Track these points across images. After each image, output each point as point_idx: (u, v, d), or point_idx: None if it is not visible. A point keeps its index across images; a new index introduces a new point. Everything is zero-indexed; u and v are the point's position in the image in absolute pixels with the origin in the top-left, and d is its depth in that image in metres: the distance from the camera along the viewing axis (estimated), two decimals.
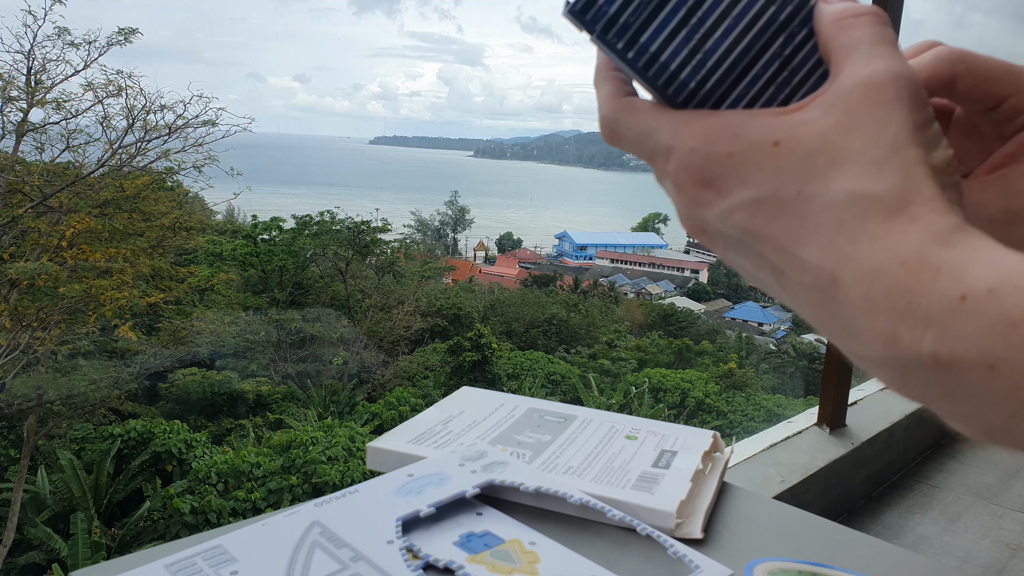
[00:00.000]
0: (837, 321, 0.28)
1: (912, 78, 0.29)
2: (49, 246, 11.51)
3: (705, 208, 0.31)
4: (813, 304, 0.29)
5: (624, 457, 0.68)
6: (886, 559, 0.58)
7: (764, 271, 0.31)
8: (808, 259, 0.28)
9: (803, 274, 0.29)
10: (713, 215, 0.31)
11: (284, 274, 20.11)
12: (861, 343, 0.27)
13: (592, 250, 70.12)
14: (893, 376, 0.28)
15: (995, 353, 0.24)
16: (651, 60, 0.30)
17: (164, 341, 14.97)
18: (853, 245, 0.27)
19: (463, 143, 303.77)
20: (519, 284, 35.87)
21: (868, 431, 2.63)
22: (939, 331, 0.25)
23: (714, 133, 0.30)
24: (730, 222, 0.30)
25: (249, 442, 13.39)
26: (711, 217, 0.31)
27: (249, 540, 0.52)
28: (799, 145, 0.29)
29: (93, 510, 11.15)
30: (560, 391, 19.09)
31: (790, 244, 0.29)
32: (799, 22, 0.30)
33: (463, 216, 67.30)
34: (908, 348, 0.26)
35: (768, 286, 0.31)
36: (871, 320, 0.27)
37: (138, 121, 12.22)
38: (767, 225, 0.29)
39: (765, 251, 0.30)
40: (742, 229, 0.30)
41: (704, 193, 0.30)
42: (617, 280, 49.11)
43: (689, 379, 19.76)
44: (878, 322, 0.26)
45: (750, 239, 0.30)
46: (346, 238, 19.80)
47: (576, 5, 0.30)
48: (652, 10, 0.29)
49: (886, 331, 0.26)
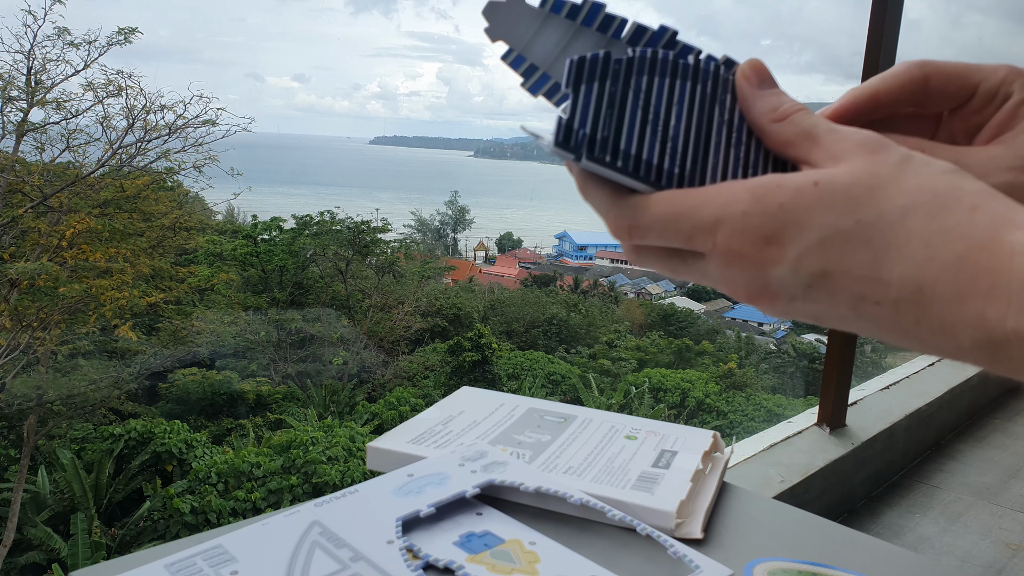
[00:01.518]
0: (924, 324, 0.29)
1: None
2: (49, 246, 11.50)
3: (773, 266, 0.31)
4: (898, 317, 0.30)
5: (624, 457, 0.68)
6: (886, 559, 0.58)
7: (840, 306, 0.32)
8: (889, 277, 0.30)
9: (885, 292, 0.30)
10: (783, 270, 0.31)
11: (284, 274, 20.11)
12: (953, 334, 0.29)
13: (592, 250, 70.10)
14: (985, 356, 0.29)
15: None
16: (636, 161, 0.33)
17: (164, 341, 14.97)
18: (928, 248, 0.29)
19: (463, 143, 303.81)
20: (519, 284, 35.86)
21: (868, 431, 2.63)
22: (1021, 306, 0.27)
23: (759, 190, 0.31)
24: (804, 270, 0.31)
25: (249, 442, 13.39)
26: (781, 273, 0.31)
27: (249, 540, 0.52)
28: (835, 180, 0.31)
29: (93, 510, 11.15)
30: (560, 391, 19.09)
31: (867, 270, 0.30)
32: (722, 90, 0.35)
33: (463, 216, 67.28)
34: (996, 326, 0.28)
35: (842, 320, 0.32)
36: (962, 307, 0.28)
37: (138, 121, 12.22)
38: (840, 260, 0.30)
39: (843, 285, 0.31)
40: (817, 273, 0.31)
41: (769, 251, 0.31)
42: (617, 280, 49.10)
43: (689, 379, 19.76)
44: (968, 308, 0.28)
45: (825, 280, 0.31)
46: (346, 238, 19.79)
47: (559, 139, 0.33)
48: (616, 121, 0.33)
49: (975, 315, 0.28)
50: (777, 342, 30.65)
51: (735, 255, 0.32)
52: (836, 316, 0.32)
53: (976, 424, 3.31)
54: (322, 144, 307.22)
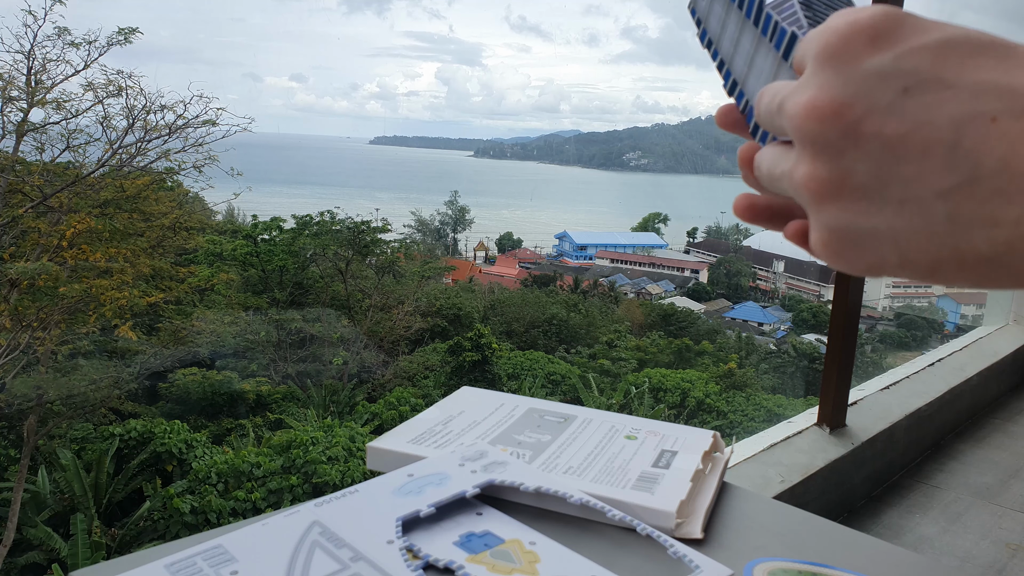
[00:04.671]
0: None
1: None
2: (49, 246, 11.51)
3: (873, 55, 0.27)
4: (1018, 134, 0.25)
5: (624, 457, 0.68)
6: (886, 559, 0.58)
7: (939, 126, 0.26)
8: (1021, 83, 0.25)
9: (1012, 102, 0.25)
10: (883, 60, 0.27)
11: (284, 274, 20.12)
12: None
13: (592, 250, 70.11)
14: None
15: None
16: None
17: (164, 341, 14.98)
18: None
19: (463, 143, 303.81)
20: (519, 284, 35.86)
21: (868, 431, 2.63)
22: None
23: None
24: (908, 64, 0.26)
25: (249, 442, 13.39)
26: (879, 63, 0.27)
27: (249, 540, 0.52)
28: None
29: (93, 510, 11.15)
30: (560, 391, 19.09)
31: (992, 74, 0.25)
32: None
33: (463, 216, 67.29)
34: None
35: (925, 153, 0.26)
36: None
37: (138, 121, 12.23)
38: (960, 64, 0.26)
39: (955, 92, 0.25)
40: (925, 72, 0.26)
41: (874, 44, 0.27)
42: (617, 280, 49.11)
43: (689, 379, 19.76)
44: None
45: (931, 85, 0.26)
46: (346, 238, 19.80)
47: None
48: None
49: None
50: (777, 342, 30.66)
51: (833, 47, 0.28)
52: (919, 145, 0.26)
53: (976, 424, 3.31)
54: (322, 144, 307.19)
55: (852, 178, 0.27)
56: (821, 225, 0.29)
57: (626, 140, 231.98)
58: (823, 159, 0.28)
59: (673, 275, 57.12)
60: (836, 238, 0.29)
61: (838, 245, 0.29)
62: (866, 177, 0.27)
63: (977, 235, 0.26)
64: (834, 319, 2.53)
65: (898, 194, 0.27)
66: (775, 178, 0.31)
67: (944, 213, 0.26)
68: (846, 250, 0.29)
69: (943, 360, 3.43)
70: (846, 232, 0.28)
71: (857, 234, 0.28)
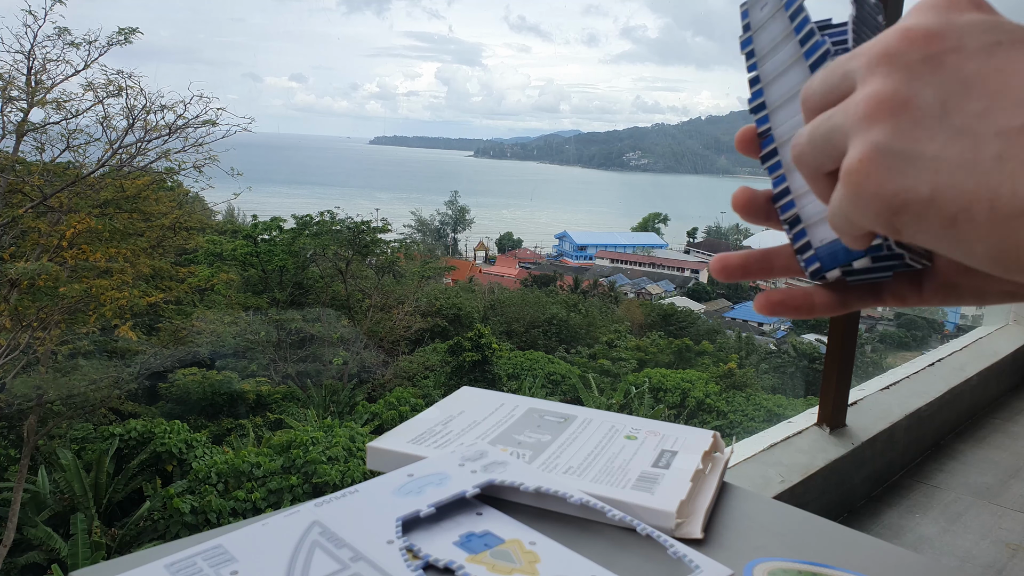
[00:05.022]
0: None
1: None
2: (49, 246, 11.51)
3: (968, 10, 0.28)
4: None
5: (624, 457, 0.68)
6: (886, 559, 0.58)
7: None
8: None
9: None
10: (977, 17, 0.28)
11: (284, 274, 20.12)
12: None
13: (592, 250, 70.13)
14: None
15: None
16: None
17: (164, 341, 14.98)
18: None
19: (463, 143, 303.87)
20: (519, 284, 35.87)
21: (868, 431, 2.63)
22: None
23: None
24: (1003, 27, 0.28)
25: (249, 442, 13.39)
26: (975, 18, 0.28)
27: (249, 540, 0.52)
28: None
29: (93, 510, 11.16)
30: (560, 391, 19.09)
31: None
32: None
33: (463, 216, 67.32)
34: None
35: (1020, 89, 0.26)
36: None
37: (138, 121, 12.23)
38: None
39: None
40: (1017, 35, 0.27)
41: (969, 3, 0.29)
42: (617, 280, 49.13)
43: (689, 379, 19.77)
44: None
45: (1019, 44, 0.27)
46: (346, 238, 19.81)
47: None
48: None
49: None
50: (777, 342, 30.66)
51: (933, 1, 0.29)
52: (995, 87, 0.26)
53: (976, 424, 3.31)
54: (322, 144, 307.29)
55: (918, 99, 0.27)
56: (866, 142, 0.28)
57: (626, 140, 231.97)
58: (897, 77, 0.28)
59: (673, 275, 57.14)
60: (878, 156, 0.28)
61: (876, 164, 0.28)
62: (933, 102, 0.27)
63: (1021, 180, 0.25)
64: (834, 319, 2.53)
65: (959, 124, 0.27)
66: (826, 128, 0.30)
67: (996, 151, 0.26)
68: (881, 171, 0.28)
69: (943, 360, 3.43)
70: (890, 152, 0.28)
71: (900, 156, 0.28)
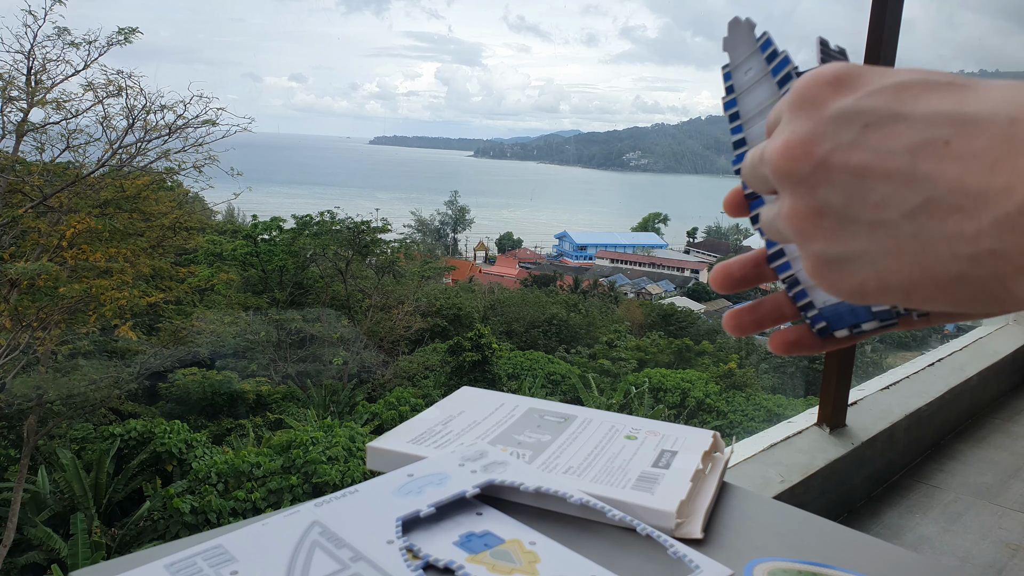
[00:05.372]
0: (1006, 165, 0.26)
1: None
2: (49, 246, 11.51)
3: (837, 98, 0.29)
4: (968, 165, 0.26)
5: (624, 457, 0.68)
6: (886, 559, 0.58)
7: (896, 155, 0.28)
8: (974, 110, 0.27)
9: (963, 130, 0.26)
10: (846, 103, 0.29)
11: (284, 274, 20.12)
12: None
13: (592, 250, 70.13)
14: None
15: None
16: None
17: (164, 341, 14.98)
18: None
19: (463, 143, 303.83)
20: (519, 284, 35.87)
21: (868, 431, 2.63)
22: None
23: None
24: (868, 104, 0.29)
25: (249, 442, 13.39)
26: (842, 105, 0.29)
27: (249, 540, 0.52)
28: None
29: (93, 510, 11.16)
30: (560, 391, 19.09)
31: (948, 106, 0.27)
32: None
33: (463, 216, 67.34)
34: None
35: (887, 178, 0.28)
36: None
37: (138, 121, 12.23)
38: (916, 101, 0.28)
39: (911, 124, 0.28)
40: (883, 111, 0.28)
41: (839, 88, 0.30)
42: (617, 280, 49.13)
43: (689, 379, 19.76)
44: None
45: (889, 121, 0.28)
46: (346, 238, 19.81)
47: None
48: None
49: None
50: None
51: (801, 96, 0.30)
52: (881, 172, 0.28)
53: (976, 424, 3.31)
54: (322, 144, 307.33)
55: (827, 208, 0.30)
56: (809, 254, 0.31)
57: (626, 140, 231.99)
58: (799, 194, 0.30)
59: (673, 275, 57.14)
60: (822, 264, 0.31)
61: (824, 271, 0.31)
62: (839, 206, 0.29)
63: (943, 251, 0.27)
64: None
65: (869, 217, 0.29)
66: (772, 227, 0.34)
67: (910, 232, 0.28)
68: (831, 275, 0.31)
69: (943, 360, 3.43)
70: (829, 258, 0.30)
71: (839, 259, 0.30)
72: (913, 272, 0.28)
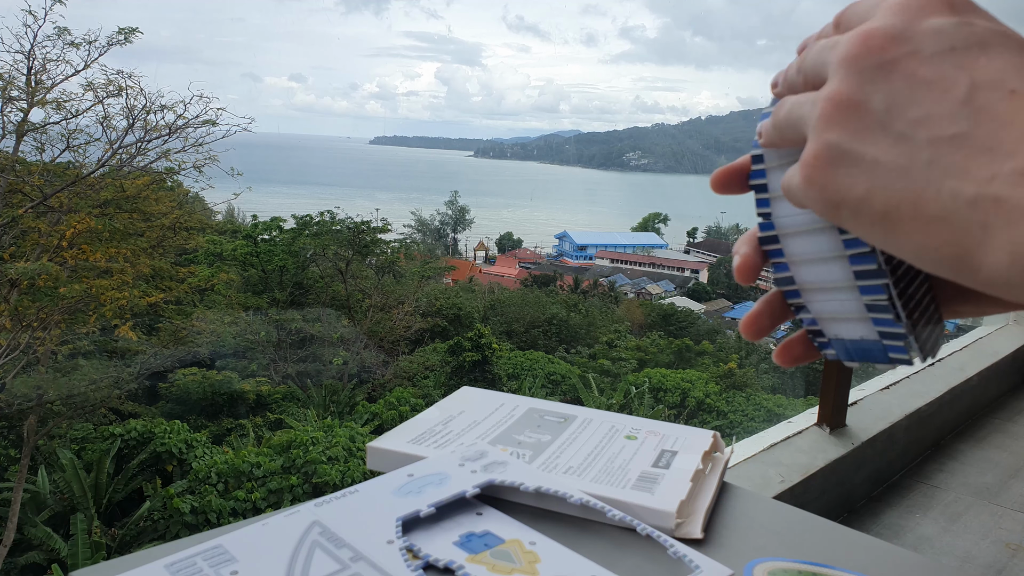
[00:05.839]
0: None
1: None
2: (49, 246, 11.51)
3: (937, 15, 0.29)
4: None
5: (624, 457, 0.68)
6: (886, 559, 0.58)
7: (958, 85, 0.28)
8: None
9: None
10: (946, 21, 0.29)
11: (284, 274, 20.13)
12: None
13: (592, 250, 70.16)
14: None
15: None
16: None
17: (164, 341, 14.98)
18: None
19: (463, 143, 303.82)
20: (519, 284, 35.88)
21: (868, 431, 2.63)
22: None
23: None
24: (966, 31, 0.29)
25: (249, 442, 13.39)
26: (941, 23, 0.29)
27: (249, 540, 0.52)
28: None
29: (93, 510, 11.16)
30: (560, 391, 19.10)
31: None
32: None
33: (463, 216, 67.36)
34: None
35: (950, 114, 0.28)
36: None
37: (138, 121, 12.23)
38: (1018, 49, 0.28)
39: (999, 55, 0.28)
40: (978, 37, 0.28)
41: (943, 5, 0.30)
42: (617, 280, 49.15)
43: (689, 379, 19.77)
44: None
45: (981, 48, 0.28)
46: (346, 238, 19.81)
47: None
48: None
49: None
50: (777, 342, 30.65)
51: (906, 1, 0.30)
52: (939, 92, 0.28)
53: (976, 424, 3.31)
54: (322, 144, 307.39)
55: (867, 104, 0.29)
56: (821, 140, 0.30)
57: (626, 140, 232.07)
58: (853, 81, 0.30)
59: (673, 275, 57.15)
60: (827, 154, 0.30)
61: (824, 162, 0.30)
62: (880, 107, 0.29)
63: (946, 185, 0.27)
64: None
65: (899, 130, 0.29)
66: (795, 116, 0.32)
67: (927, 158, 0.28)
68: (828, 169, 0.30)
69: (943, 360, 3.43)
70: (839, 152, 0.30)
71: (846, 157, 0.30)
72: (904, 197, 0.28)
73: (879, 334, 0.35)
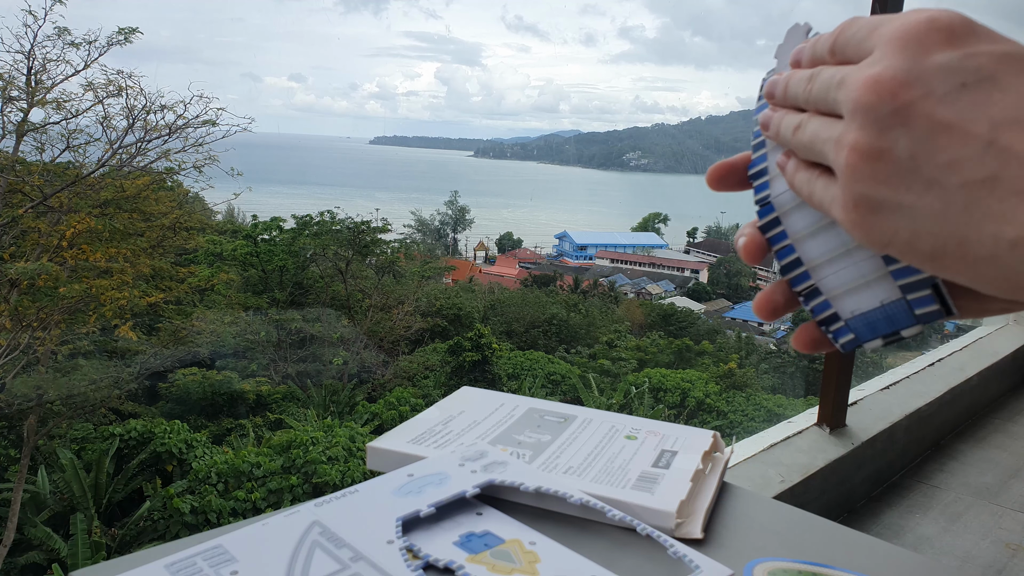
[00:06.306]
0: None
1: None
2: (49, 246, 11.51)
3: (942, 51, 0.29)
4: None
5: (624, 457, 0.68)
6: (886, 559, 0.58)
7: (981, 121, 0.28)
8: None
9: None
10: (951, 57, 0.29)
11: (284, 274, 20.12)
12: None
13: (592, 250, 70.15)
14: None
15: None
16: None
17: (164, 341, 14.98)
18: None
19: (463, 143, 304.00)
20: (519, 284, 35.88)
21: (868, 431, 2.63)
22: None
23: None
24: (973, 64, 0.28)
25: (249, 442, 13.39)
26: (946, 59, 0.29)
27: (249, 540, 0.52)
28: None
29: (93, 510, 11.16)
30: (560, 391, 19.09)
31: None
32: None
33: (463, 216, 67.35)
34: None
35: (985, 134, 0.28)
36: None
37: (138, 121, 12.23)
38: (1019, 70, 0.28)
39: (1009, 89, 0.28)
40: (986, 73, 0.28)
41: (948, 42, 0.29)
42: (617, 280, 49.15)
43: (689, 379, 19.77)
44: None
45: (989, 83, 0.28)
46: (346, 238, 19.81)
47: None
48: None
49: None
50: (777, 342, 30.65)
51: (910, 35, 0.29)
52: (960, 135, 0.27)
53: (976, 424, 3.31)
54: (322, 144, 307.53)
55: (892, 152, 0.29)
56: (851, 192, 0.30)
57: (626, 140, 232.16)
58: (872, 130, 0.29)
59: (673, 275, 57.14)
60: (862, 205, 0.30)
61: (861, 212, 0.30)
62: (905, 154, 0.29)
63: (986, 229, 0.27)
64: None
65: (929, 175, 0.28)
66: (818, 142, 0.33)
67: (963, 202, 0.28)
68: (867, 218, 0.30)
69: (943, 360, 3.43)
70: (872, 201, 0.30)
71: (881, 205, 0.30)
72: (949, 241, 0.28)
73: (901, 289, 0.34)
